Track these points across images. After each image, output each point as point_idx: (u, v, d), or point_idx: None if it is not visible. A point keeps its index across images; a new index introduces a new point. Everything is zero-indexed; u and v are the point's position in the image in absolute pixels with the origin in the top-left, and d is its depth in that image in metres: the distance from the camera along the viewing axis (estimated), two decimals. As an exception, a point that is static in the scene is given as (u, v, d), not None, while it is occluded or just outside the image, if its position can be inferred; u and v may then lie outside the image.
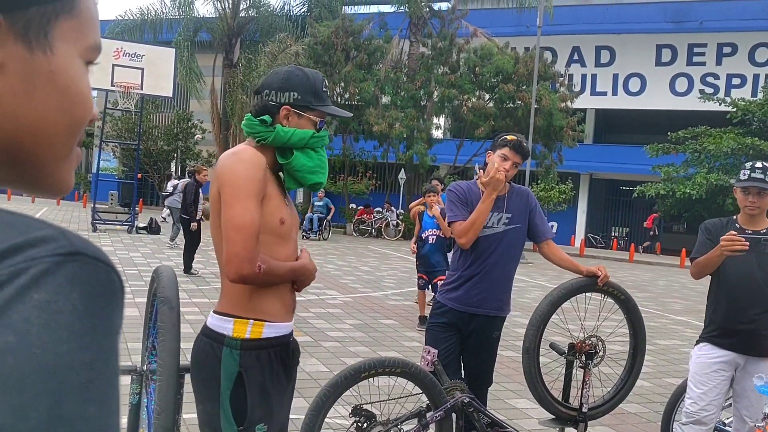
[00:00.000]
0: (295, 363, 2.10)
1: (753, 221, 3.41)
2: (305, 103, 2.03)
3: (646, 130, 29.09)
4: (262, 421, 1.92)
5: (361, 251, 18.42)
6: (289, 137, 1.98)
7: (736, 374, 3.42)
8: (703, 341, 3.49)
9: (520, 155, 3.53)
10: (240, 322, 1.93)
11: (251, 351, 1.93)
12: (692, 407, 3.41)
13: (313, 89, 2.04)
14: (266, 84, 2.06)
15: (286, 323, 2.04)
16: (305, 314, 8.07)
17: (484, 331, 3.57)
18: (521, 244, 3.64)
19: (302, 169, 2.01)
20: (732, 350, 3.36)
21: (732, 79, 27.96)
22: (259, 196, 1.92)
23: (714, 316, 3.46)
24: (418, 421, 3.06)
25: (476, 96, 23.70)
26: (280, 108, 2.01)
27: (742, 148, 21.51)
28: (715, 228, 3.48)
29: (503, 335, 6.41)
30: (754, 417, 3.40)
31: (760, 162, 3.41)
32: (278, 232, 1.99)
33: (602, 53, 29.94)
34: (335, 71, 24.19)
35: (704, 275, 3.45)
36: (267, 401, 1.94)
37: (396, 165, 26.63)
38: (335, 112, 2.14)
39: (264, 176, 1.94)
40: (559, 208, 23.66)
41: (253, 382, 1.91)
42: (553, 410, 3.50)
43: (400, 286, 11.55)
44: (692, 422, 3.40)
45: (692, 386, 3.45)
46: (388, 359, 3.06)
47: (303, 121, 2.03)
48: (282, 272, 1.97)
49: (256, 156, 1.96)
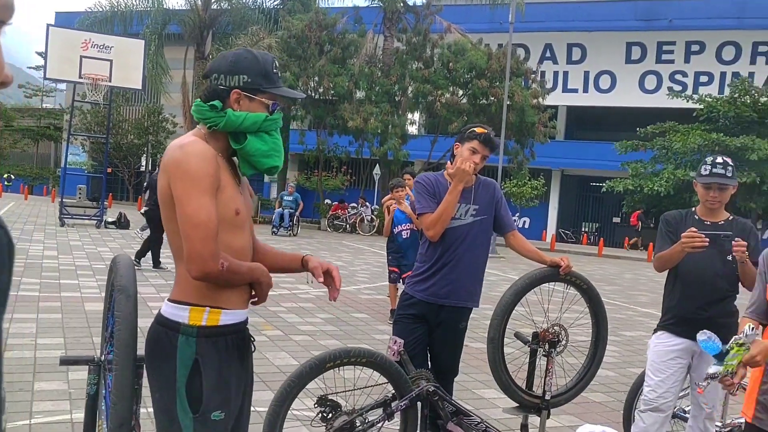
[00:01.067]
0: (250, 351, 2.09)
1: (712, 213, 3.48)
2: (256, 85, 1.98)
3: (616, 127, 29.49)
4: (218, 408, 1.91)
5: (335, 246, 18.40)
6: (241, 122, 1.94)
7: (693, 362, 3.50)
8: (661, 330, 3.57)
9: (489, 148, 3.53)
10: (196, 310, 1.91)
11: (208, 338, 1.91)
12: (650, 395, 3.48)
13: (263, 71, 1.99)
14: (214, 68, 2.00)
15: (242, 310, 2.02)
16: (276, 308, 8.05)
17: (452, 322, 3.60)
18: (489, 235, 3.66)
19: (257, 154, 1.98)
20: (688, 338, 3.42)
21: (700, 76, 28.46)
22: (214, 190, 1.88)
23: (671, 305, 3.54)
24: (383, 410, 3.07)
25: (450, 91, 23.78)
26: (230, 92, 1.96)
27: (708, 145, 21.92)
28: (674, 220, 3.56)
29: (473, 327, 6.46)
30: (711, 403, 3.49)
31: (721, 157, 3.47)
32: (233, 222, 1.96)
33: (574, 51, 30.26)
34: (309, 65, 24.08)
35: (667, 269, 3.52)
36: (224, 389, 1.93)
37: (371, 160, 26.63)
38: (287, 93, 2.10)
39: (216, 168, 1.90)
40: (531, 203, 23.88)
41: (210, 369, 1.90)
42: (518, 398, 3.54)
43: (374, 280, 11.57)
44: (650, 409, 3.47)
45: (650, 374, 3.53)
46: (354, 349, 3.07)
47: (255, 105, 1.98)
48: (242, 270, 1.95)
49: (205, 148, 1.91)
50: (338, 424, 2.93)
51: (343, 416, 2.96)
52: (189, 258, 1.84)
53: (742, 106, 23.73)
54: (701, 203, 3.51)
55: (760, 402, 2.59)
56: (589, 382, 3.81)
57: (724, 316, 3.38)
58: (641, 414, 3.53)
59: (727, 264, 3.36)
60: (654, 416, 3.46)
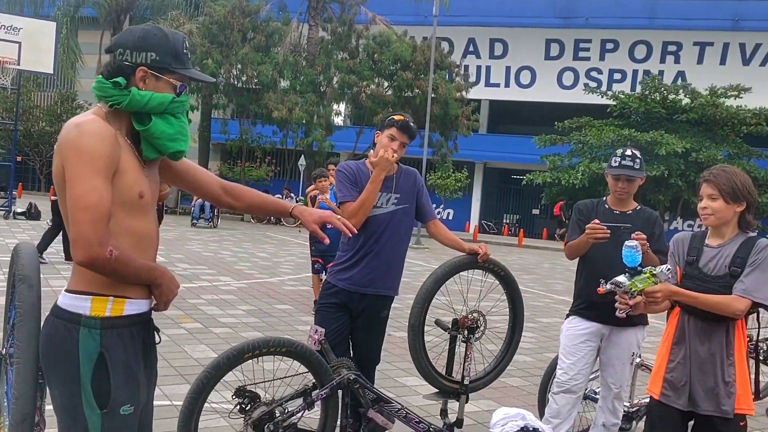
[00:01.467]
0: (155, 342, 2.01)
1: (621, 203, 3.66)
2: (164, 65, 1.89)
3: (536, 121, 30.37)
4: (127, 402, 1.84)
5: (258, 238, 18.14)
6: (146, 102, 1.85)
7: (602, 344, 3.67)
8: (572, 315, 3.73)
9: (408, 135, 3.56)
10: (99, 300, 1.82)
11: (112, 329, 1.83)
12: (563, 377, 3.63)
13: (173, 50, 1.91)
14: (120, 42, 1.89)
15: (146, 300, 1.94)
16: (196, 300, 7.86)
17: (374, 311, 3.62)
18: (410, 224, 3.70)
19: (161, 137, 1.89)
20: (597, 321, 3.60)
21: (614, 74, 29.72)
22: (109, 171, 1.78)
23: (581, 291, 3.70)
24: (304, 400, 3.05)
25: (375, 83, 23.83)
26: (136, 69, 1.87)
27: (620, 140, 22.92)
28: (586, 209, 3.71)
29: (397, 316, 6.52)
30: (619, 383, 3.67)
31: (630, 150, 3.64)
32: (137, 205, 1.87)
33: (496, 46, 30.93)
34: (232, 53, 23.56)
35: (577, 257, 3.67)
36: (132, 382, 1.86)
37: (296, 151, 26.36)
38: (197, 75, 2.01)
39: (114, 149, 1.80)
40: (454, 195, 24.33)
41: (117, 362, 1.82)
42: (438, 384, 3.61)
43: (298, 271, 11.48)
44: (563, 391, 3.62)
45: (563, 357, 3.67)
46: (273, 339, 3.03)
47: (161, 85, 1.90)
48: (137, 265, 1.84)
49: (102, 128, 1.81)
50: (257, 415, 2.89)
51: (261, 407, 2.92)
52: (74, 241, 1.74)
53: (652, 103, 24.95)
54: (611, 193, 3.67)
55: (667, 380, 2.71)
56: (507, 367, 3.91)
57: None
58: (554, 396, 3.67)
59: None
60: (566, 397, 3.61)
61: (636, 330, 3.65)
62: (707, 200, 2.70)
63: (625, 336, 3.62)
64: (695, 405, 2.65)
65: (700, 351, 2.66)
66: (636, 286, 2.58)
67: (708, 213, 2.70)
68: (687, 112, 24.52)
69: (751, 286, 2.57)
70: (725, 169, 2.74)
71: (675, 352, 2.72)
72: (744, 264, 2.62)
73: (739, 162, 23.51)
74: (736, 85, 24.22)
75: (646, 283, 2.57)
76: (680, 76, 28.17)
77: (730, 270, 2.64)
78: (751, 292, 2.57)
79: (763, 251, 2.62)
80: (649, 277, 2.57)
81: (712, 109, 24.05)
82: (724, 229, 2.73)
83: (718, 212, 2.68)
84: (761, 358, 5.40)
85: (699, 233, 2.85)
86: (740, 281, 2.59)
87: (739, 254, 2.65)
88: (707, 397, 2.63)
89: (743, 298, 2.56)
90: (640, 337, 3.68)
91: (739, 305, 2.56)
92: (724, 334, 2.65)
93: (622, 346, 3.63)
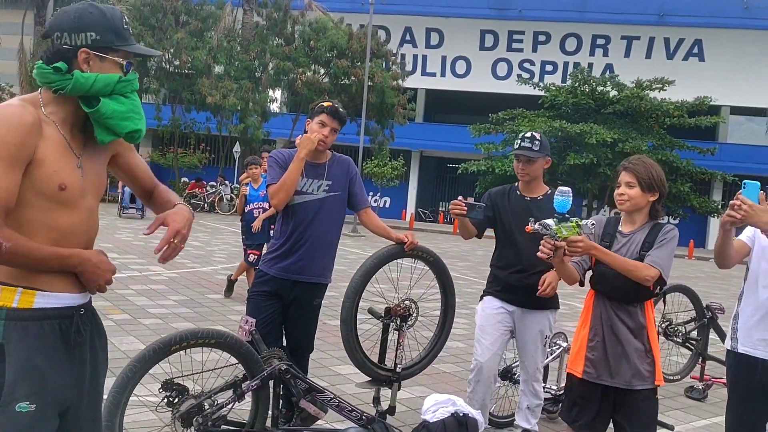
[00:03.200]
0: (83, 340, 1.89)
1: (529, 188, 3.76)
2: (106, 43, 1.80)
3: (471, 111, 30.81)
4: (26, 400, 1.72)
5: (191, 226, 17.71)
6: (92, 84, 1.76)
7: (516, 328, 3.77)
8: (486, 295, 3.85)
9: (338, 120, 3.57)
10: (7, 290, 1.73)
11: (17, 322, 1.73)
12: (480, 358, 3.73)
13: (113, 27, 1.82)
14: (56, 25, 1.80)
15: (68, 294, 1.83)
16: (124, 291, 7.63)
17: (306, 299, 3.61)
18: (342, 211, 3.70)
19: (114, 116, 1.80)
20: (510, 303, 3.73)
21: (546, 65, 30.43)
22: (16, 161, 1.68)
23: (496, 274, 3.83)
24: (234, 392, 3.01)
25: (311, 70, 23.63)
26: (77, 51, 1.78)
27: (551, 131, 23.52)
28: (497, 194, 3.84)
29: (332, 305, 6.50)
30: (533, 366, 3.79)
31: (530, 132, 3.76)
32: (57, 198, 1.77)
33: (432, 35, 31.15)
34: (165, 36, 22.87)
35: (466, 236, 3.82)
36: (35, 378, 1.74)
37: (231, 138, 25.88)
38: (143, 51, 1.93)
39: (28, 137, 1.70)
40: (391, 183, 24.43)
41: (16, 356, 1.71)
42: (372, 373, 3.62)
43: (232, 260, 11.30)
44: (478, 370, 3.73)
45: (479, 337, 3.78)
46: (201, 330, 2.97)
47: (106, 65, 1.81)
48: (42, 255, 1.74)
49: (17, 114, 1.71)
50: (185, 408, 2.83)
51: (190, 400, 2.86)
52: None
53: (582, 95, 25.68)
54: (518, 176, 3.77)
55: (588, 358, 2.89)
56: (439, 353, 3.97)
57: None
58: (472, 380, 3.77)
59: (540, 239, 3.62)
60: (482, 378, 3.71)
61: (547, 313, 3.75)
62: (625, 187, 2.86)
63: (536, 319, 3.72)
64: (614, 380, 2.84)
65: (615, 330, 2.85)
66: (561, 232, 2.67)
67: (624, 199, 2.87)
68: (614, 104, 25.36)
69: (657, 259, 2.78)
70: (644, 160, 2.92)
71: (593, 332, 2.90)
72: (652, 246, 2.83)
73: (663, 152, 24.53)
74: (661, 78, 25.20)
75: (571, 231, 2.68)
76: (608, 68, 29.11)
77: (640, 255, 2.83)
78: (657, 263, 2.77)
79: (669, 233, 2.84)
80: (575, 226, 2.68)
81: (638, 101, 24.97)
82: (636, 216, 2.91)
83: (634, 199, 2.85)
84: (679, 341, 5.69)
85: (613, 219, 3.03)
86: (649, 254, 2.80)
87: (648, 239, 2.85)
88: (624, 372, 2.83)
89: (652, 267, 2.75)
90: (551, 319, 3.79)
91: (649, 272, 2.74)
92: (637, 314, 2.86)
93: (534, 330, 3.73)
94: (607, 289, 2.87)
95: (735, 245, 2.92)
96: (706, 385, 5.43)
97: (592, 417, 2.89)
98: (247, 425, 3.14)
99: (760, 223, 2.61)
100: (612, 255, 2.78)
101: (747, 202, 2.55)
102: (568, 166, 23.85)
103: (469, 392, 3.80)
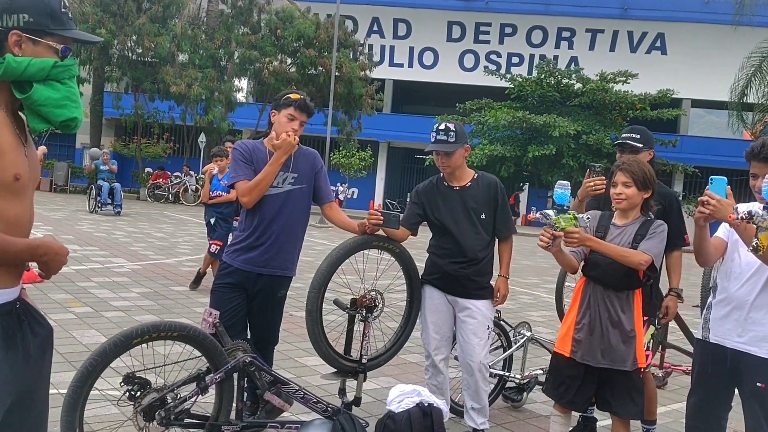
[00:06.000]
0: (28, 335, 1.83)
1: (455, 177, 3.75)
2: (40, 27, 1.73)
3: (438, 101, 30.92)
4: None
5: (155, 217, 17.47)
6: (24, 68, 1.70)
7: (458, 315, 3.74)
8: (425, 284, 3.82)
9: (306, 113, 3.54)
10: None
11: None
12: (429, 347, 3.78)
13: (48, 10, 1.75)
14: None
15: (6, 289, 1.77)
16: (86, 284, 7.47)
17: (271, 291, 3.58)
18: (307, 204, 3.67)
19: (47, 103, 1.74)
20: (448, 292, 3.74)
21: (512, 57, 30.66)
22: None
23: (432, 259, 3.82)
24: (197, 385, 2.97)
25: (278, 59, 23.40)
26: (9, 34, 1.71)
27: (516, 122, 23.75)
28: (424, 190, 3.83)
29: (298, 296, 6.46)
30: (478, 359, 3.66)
31: (444, 123, 3.69)
32: (11, 188, 1.72)
33: (399, 26, 31.09)
34: (127, 23, 22.38)
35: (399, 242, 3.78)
36: None
37: (196, 127, 25.51)
38: (81, 36, 1.86)
39: None
40: (359, 174, 24.41)
41: None
42: (337, 364, 3.62)
43: (196, 252, 11.16)
44: (430, 357, 3.78)
45: (433, 335, 3.77)
46: (164, 323, 2.92)
47: (40, 49, 1.74)
48: (16, 249, 1.70)
49: None
50: (147, 401, 2.79)
51: (152, 393, 2.82)
52: None
53: (547, 87, 25.96)
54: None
55: (575, 339, 3.12)
56: (405, 343, 3.98)
57: (480, 275, 3.68)
58: (427, 368, 3.82)
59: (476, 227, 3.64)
60: (434, 364, 3.75)
61: (486, 303, 3.70)
62: (622, 187, 3.08)
63: (476, 310, 3.67)
64: (600, 360, 3.06)
65: (604, 315, 3.07)
66: (560, 223, 2.88)
67: (622, 198, 3.08)
68: (579, 96, 25.71)
69: (649, 248, 3.01)
70: (636, 160, 3.15)
71: (582, 315, 3.12)
72: (644, 238, 3.06)
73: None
74: (624, 71, 25.62)
75: (568, 222, 2.89)
76: (573, 61, 29.47)
77: (632, 245, 3.04)
78: (649, 251, 3.00)
79: (659, 227, 3.09)
80: (572, 218, 2.90)
81: (602, 93, 25.35)
82: (630, 212, 3.14)
83: (630, 198, 3.08)
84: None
85: (606, 213, 3.24)
86: (641, 244, 3.04)
87: (640, 232, 3.08)
88: (611, 353, 3.05)
89: (644, 254, 2.98)
90: (491, 311, 3.76)
91: (641, 258, 2.97)
92: (625, 300, 3.08)
93: (476, 321, 3.67)
94: (599, 276, 3.09)
95: (714, 242, 3.00)
96: (666, 372, 5.55)
97: (576, 393, 3.13)
98: (210, 418, 3.11)
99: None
100: (606, 244, 3.00)
101: (715, 197, 2.64)
102: (532, 157, 24.10)
103: (427, 379, 3.83)
